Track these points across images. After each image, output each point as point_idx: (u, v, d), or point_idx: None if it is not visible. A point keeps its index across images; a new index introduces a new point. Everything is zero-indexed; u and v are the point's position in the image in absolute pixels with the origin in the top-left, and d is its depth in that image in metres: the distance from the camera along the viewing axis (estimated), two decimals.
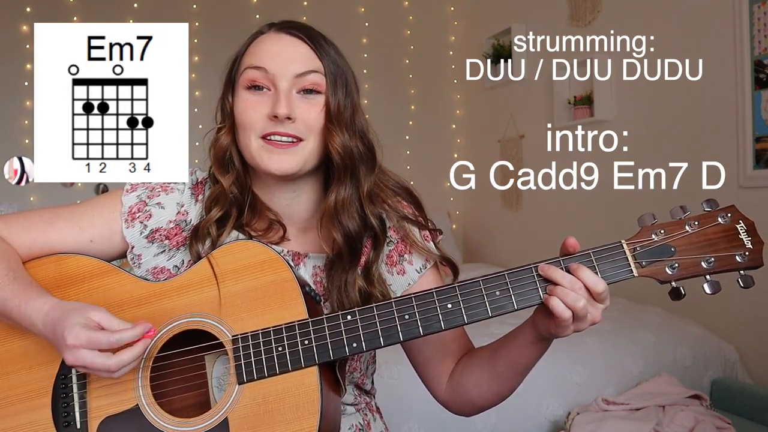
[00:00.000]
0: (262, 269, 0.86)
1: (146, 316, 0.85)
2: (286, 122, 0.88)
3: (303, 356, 0.81)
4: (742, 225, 0.81)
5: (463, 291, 0.82)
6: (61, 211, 0.95)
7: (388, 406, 1.10)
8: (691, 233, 0.81)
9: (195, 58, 3.53)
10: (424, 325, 0.81)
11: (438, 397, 0.99)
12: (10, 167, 3.14)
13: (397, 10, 4.33)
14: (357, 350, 0.81)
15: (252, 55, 0.92)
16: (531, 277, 0.81)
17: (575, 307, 0.78)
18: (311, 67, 0.90)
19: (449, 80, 4.45)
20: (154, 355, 0.84)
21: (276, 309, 0.84)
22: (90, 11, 3.60)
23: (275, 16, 0.91)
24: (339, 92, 0.92)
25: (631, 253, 0.81)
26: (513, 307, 0.81)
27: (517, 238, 3.83)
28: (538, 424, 2.01)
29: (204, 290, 0.86)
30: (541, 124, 3.37)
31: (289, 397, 0.81)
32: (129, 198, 0.95)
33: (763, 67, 2.34)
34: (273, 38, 0.93)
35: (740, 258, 0.80)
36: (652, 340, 2.30)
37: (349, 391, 0.98)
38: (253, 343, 0.82)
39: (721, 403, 2.20)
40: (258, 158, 0.90)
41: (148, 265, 0.94)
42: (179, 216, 0.95)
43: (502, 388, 0.92)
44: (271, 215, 0.95)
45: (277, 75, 0.89)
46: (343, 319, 0.82)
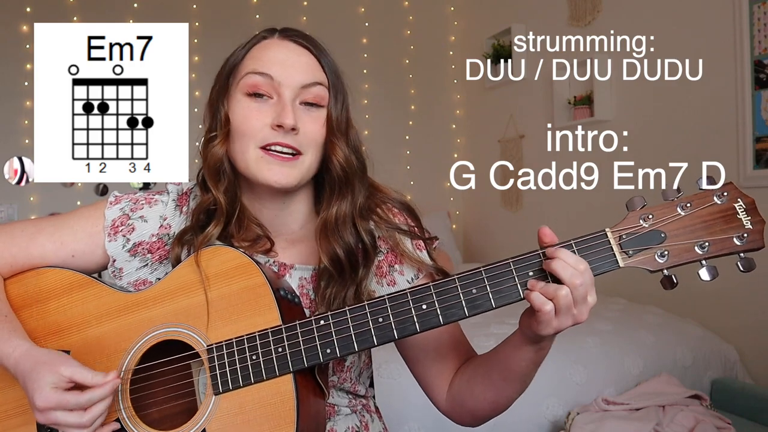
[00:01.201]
0: (235, 275, 0.84)
1: (125, 327, 0.86)
2: (290, 133, 0.86)
3: (277, 364, 0.80)
4: (740, 204, 0.73)
5: (438, 290, 0.78)
6: (44, 225, 0.94)
7: (388, 406, 1.10)
8: (684, 216, 0.74)
9: (195, 58, 3.53)
10: (399, 328, 0.78)
11: (440, 407, 0.97)
12: (10, 167, 3.14)
13: (397, 10, 4.33)
14: (331, 356, 0.79)
15: (256, 60, 0.89)
16: (509, 273, 0.76)
17: (556, 295, 0.73)
18: (316, 78, 0.89)
19: (449, 80, 4.45)
20: (132, 367, 0.84)
21: (250, 316, 0.82)
22: (90, 11, 3.60)
23: (275, 15, 0.90)
24: (339, 104, 0.90)
25: (617, 241, 0.74)
26: (491, 305, 0.76)
27: (517, 238, 3.83)
28: (538, 424, 2.01)
29: (179, 299, 0.85)
30: (541, 124, 3.37)
31: (264, 406, 0.79)
32: (112, 211, 0.94)
33: (763, 67, 2.34)
34: (279, 45, 0.90)
35: (738, 240, 0.73)
36: (652, 340, 2.30)
37: (342, 395, 0.97)
38: (228, 353, 0.81)
39: (721, 403, 2.20)
40: (256, 169, 0.87)
41: (129, 278, 0.93)
42: (162, 230, 0.94)
43: (497, 397, 0.89)
44: (257, 229, 0.93)
45: (283, 83, 0.87)
46: (317, 324, 0.80)
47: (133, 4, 3.73)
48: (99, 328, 0.87)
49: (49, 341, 0.88)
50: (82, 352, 0.86)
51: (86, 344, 0.87)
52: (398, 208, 0.97)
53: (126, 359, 0.84)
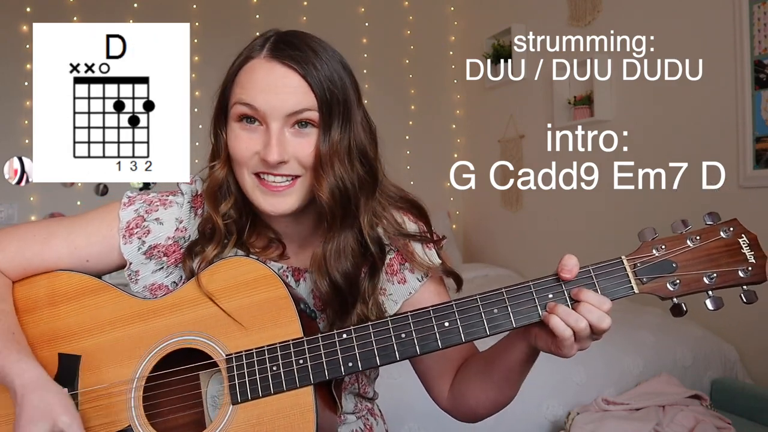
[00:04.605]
0: (257, 286, 0.84)
1: (138, 334, 0.85)
2: (279, 166, 0.84)
3: (298, 376, 0.80)
4: (744, 239, 0.79)
5: (461, 309, 0.80)
6: (56, 229, 0.93)
7: (388, 406, 1.10)
8: (693, 248, 0.79)
9: (195, 58, 3.53)
10: (421, 344, 0.80)
11: (441, 405, 0.98)
12: (10, 167, 3.14)
13: (397, 10, 4.33)
14: (353, 369, 0.80)
15: (241, 88, 0.85)
16: (530, 295, 0.80)
17: (577, 327, 0.76)
18: (303, 105, 0.84)
19: (449, 80, 4.45)
20: (146, 374, 0.83)
21: (270, 327, 0.82)
22: (90, 11, 3.60)
23: (275, 15, 0.90)
24: (334, 124, 0.85)
25: (632, 269, 0.79)
26: (511, 325, 0.79)
27: (517, 238, 3.83)
28: (538, 424, 2.01)
29: (197, 308, 0.85)
30: (541, 124, 3.37)
31: (283, 417, 0.79)
32: (127, 213, 0.93)
33: (763, 67, 2.34)
34: (264, 68, 0.85)
35: (743, 273, 0.78)
36: (652, 340, 2.30)
37: (349, 399, 0.97)
38: (247, 362, 0.81)
39: (721, 403, 2.20)
40: (253, 196, 0.87)
41: (145, 281, 0.92)
42: (178, 233, 0.93)
43: (498, 396, 0.91)
44: (270, 234, 0.93)
45: (268, 114, 0.83)
46: (339, 338, 0.81)
47: (133, 4, 3.73)
48: (113, 333, 0.86)
49: (58, 345, 0.87)
50: (94, 357, 0.85)
51: (99, 349, 0.85)
52: (405, 208, 0.96)
53: (141, 366, 0.83)
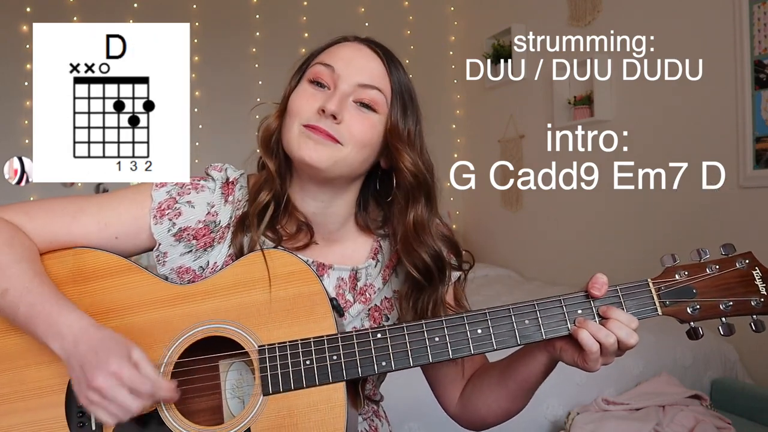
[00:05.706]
0: (291, 280, 0.85)
1: (170, 318, 0.84)
2: (331, 120, 0.86)
3: (331, 372, 0.81)
4: (758, 271, 0.84)
5: (494, 317, 0.83)
6: (86, 205, 0.91)
7: (389, 406, 1.10)
8: (712, 276, 0.84)
9: (195, 58, 3.53)
10: (454, 349, 0.82)
11: (449, 411, 0.99)
12: (10, 167, 3.14)
13: (397, 10, 4.33)
14: (386, 369, 0.82)
15: (327, 54, 0.92)
16: (559, 309, 0.83)
17: (606, 342, 0.80)
18: (376, 83, 0.90)
19: (449, 80, 4.45)
20: (175, 360, 0.83)
21: (304, 322, 0.84)
22: (90, 11, 3.60)
23: (275, 15, 0.90)
24: (406, 119, 0.92)
25: (656, 292, 0.84)
26: (541, 337, 0.83)
27: (517, 238, 3.83)
28: (538, 424, 2.01)
29: (230, 297, 0.85)
30: (541, 124, 3.37)
31: (315, 411, 0.81)
32: (159, 193, 0.92)
33: (763, 67, 2.34)
34: (353, 46, 0.93)
35: (755, 303, 0.83)
36: (652, 340, 2.30)
37: None
38: (281, 355, 0.82)
39: (721, 403, 2.20)
40: (295, 144, 0.87)
41: (173, 263, 0.92)
42: (209, 216, 0.93)
43: (511, 406, 0.92)
44: (300, 216, 0.94)
45: (341, 76, 0.88)
46: (373, 337, 0.82)
47: (133, 4, 3.73)
48: (143, 315, 0.85)
49: None
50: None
51: (127, 331, 0.83)
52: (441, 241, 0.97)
53: (169, 351, 0.83)
